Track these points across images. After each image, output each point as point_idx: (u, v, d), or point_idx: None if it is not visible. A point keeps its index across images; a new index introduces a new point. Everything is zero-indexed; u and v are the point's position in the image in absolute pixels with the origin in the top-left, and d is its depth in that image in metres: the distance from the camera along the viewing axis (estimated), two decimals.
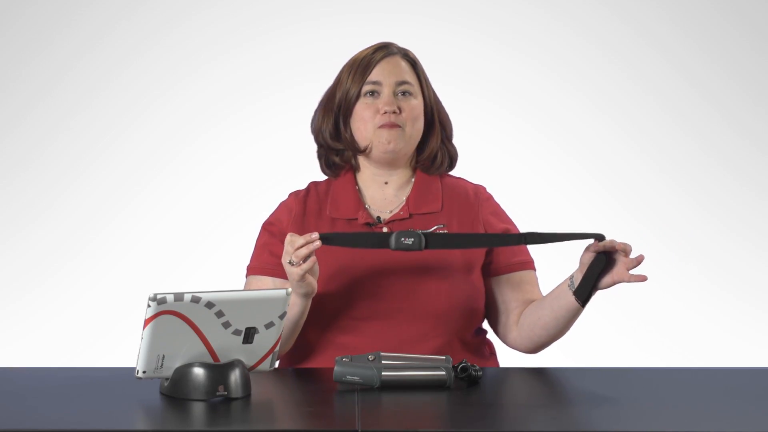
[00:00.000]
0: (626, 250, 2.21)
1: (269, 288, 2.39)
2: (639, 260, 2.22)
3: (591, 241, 2.24)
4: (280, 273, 2.36)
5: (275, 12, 4.33)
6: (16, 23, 4.31)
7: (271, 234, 2.44)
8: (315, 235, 2.21)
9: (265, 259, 2.42)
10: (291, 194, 2.49)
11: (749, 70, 4.41)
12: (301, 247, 2.20)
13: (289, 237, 2.22)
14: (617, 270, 2.22)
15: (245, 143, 4.31)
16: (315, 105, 2.50)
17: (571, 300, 2.28)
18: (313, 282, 2.25)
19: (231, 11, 4.34)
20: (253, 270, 2.44)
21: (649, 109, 4.39)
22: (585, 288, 2.25)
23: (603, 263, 2.22)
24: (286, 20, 4.33)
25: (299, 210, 2.44)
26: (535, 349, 2.42)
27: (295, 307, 2.28)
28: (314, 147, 2.51)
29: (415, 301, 2.34)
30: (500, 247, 2.42)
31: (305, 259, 2.20)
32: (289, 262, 2.21)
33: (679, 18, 4.40)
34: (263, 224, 2.47)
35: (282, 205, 2.48)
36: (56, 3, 4.31)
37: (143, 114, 4.32)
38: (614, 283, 2.23)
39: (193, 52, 4.32)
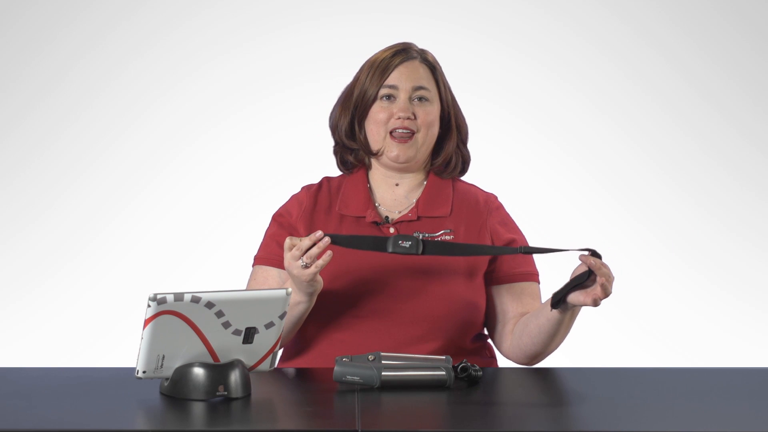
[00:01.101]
0: (606, 275, 2.14)
1: (274, 279, 2.40)
2: (606, 291, 2.15)
3: None
4: None
5: (275, 12, 4.33)
6: (16, 23, 4.31)
7: (280, 225, 2.44)
8: (319, 233, 2.20)
9: (273, 250, 2.42)
10: (303, 188, 2.49)
11: (749, 70, 4.41)
12: (310, 247, 2.20)
13: (289, 241, 2.21)
14: (590, 291, 2.16)
15: (245, 143, 4.31)
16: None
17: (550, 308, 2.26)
18: (320, 279, 2.25)
19: (231, 11, 4.34)
20: (260, 260, 2.44)
21: (649, 109, 4.39)
22: (559, 294, 2.21)
23: (585, 278, 2.17)
24: (287, 20, 4.33)
25: (309, 204, 2.44)
26: (527, 360, 2.38)
27: (302, 305, 2.28)
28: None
29: (414, 303, 2.34)
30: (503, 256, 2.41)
31: (314, 258, 2.20)
32: (304, 266, 2.20)
33: (679, 18, 4.40)
34: (273, 215, 2.47)
35: (293, 197, 2.48)
36: (56, 3, 4.31)
37: (143, 114, 4.32)
38: (582, 304, 2.18)
39: (193, 52, 4.32)
